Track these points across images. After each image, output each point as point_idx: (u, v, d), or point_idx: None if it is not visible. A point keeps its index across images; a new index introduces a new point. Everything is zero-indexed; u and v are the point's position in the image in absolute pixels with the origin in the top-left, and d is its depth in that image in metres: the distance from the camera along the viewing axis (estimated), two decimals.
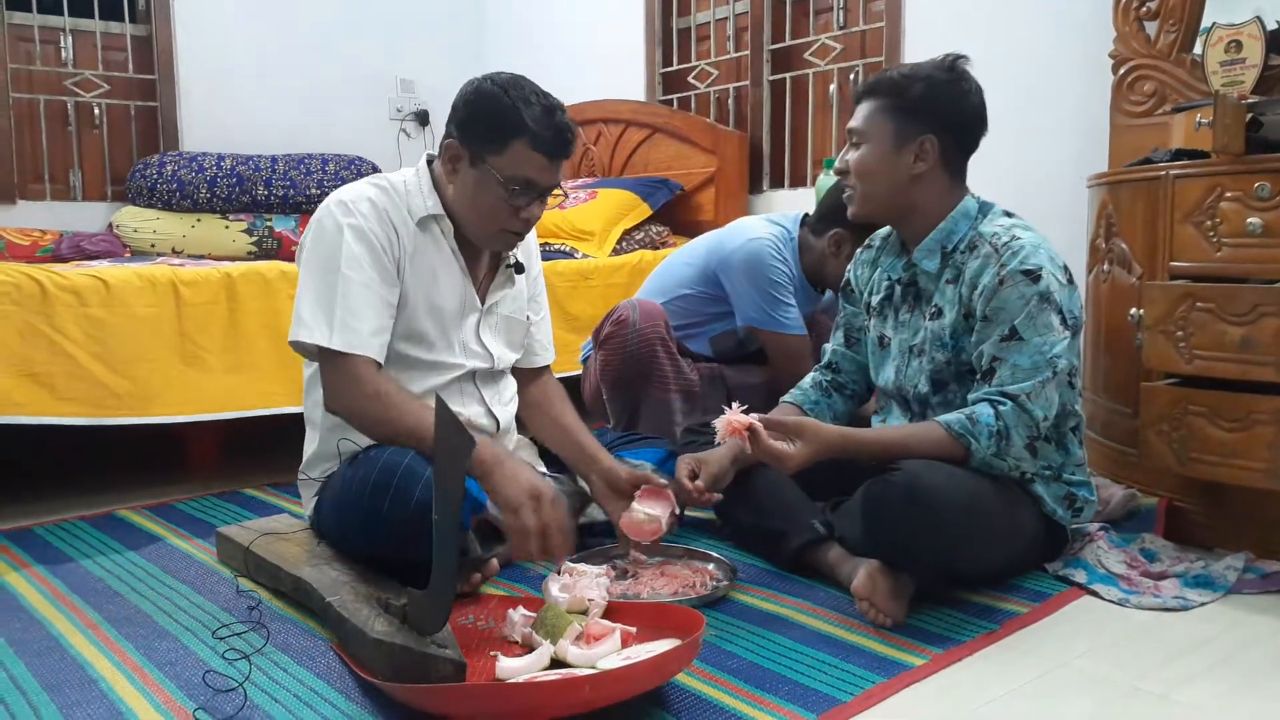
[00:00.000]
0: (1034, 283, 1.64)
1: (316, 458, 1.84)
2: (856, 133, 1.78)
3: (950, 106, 1.73)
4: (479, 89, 1.70)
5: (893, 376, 1.86)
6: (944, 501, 1.54)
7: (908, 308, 1.84)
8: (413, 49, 4.56)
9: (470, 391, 1.87)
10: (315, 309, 1.68)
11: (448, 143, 1.73)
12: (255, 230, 3.73)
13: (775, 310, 2.49)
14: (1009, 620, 1.61)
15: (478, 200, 1.73)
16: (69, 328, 2.33)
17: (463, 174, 1.73)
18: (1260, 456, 1.75)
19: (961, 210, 1.77)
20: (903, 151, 1.73)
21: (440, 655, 1.31)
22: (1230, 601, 1.71)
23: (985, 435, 1.62)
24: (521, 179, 1.69)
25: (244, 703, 1.35)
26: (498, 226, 1.75)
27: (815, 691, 1.37)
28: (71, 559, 1.99)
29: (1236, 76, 2.29)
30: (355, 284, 1.68)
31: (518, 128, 1.66)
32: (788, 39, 3.73)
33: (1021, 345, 1.64)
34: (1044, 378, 1.63)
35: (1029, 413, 1.63)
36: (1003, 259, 1.67)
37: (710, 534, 2.08)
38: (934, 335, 1.77)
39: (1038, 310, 1.63)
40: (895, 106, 1.73)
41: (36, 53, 3.81)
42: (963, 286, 1.72)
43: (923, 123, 1.72)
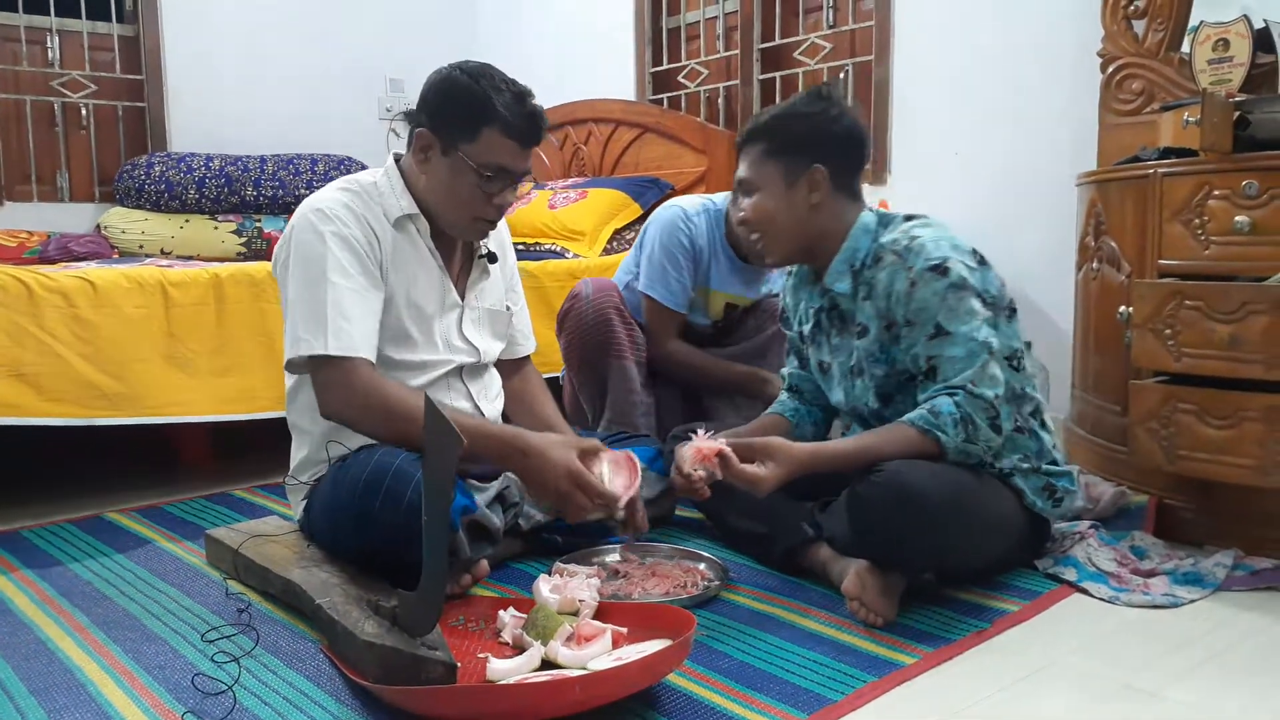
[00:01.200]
0: (943, 275, 1.66)
1: (306, 463, 1.83)
2: (746, 182, 1.81)
3: (827, 133, 1.76)
4: (448, 78, 1.72)
5: (843, 398, 1.88)
6: (929, 497, 1.55)
7: (836, 331, 1.86)
8: (402, 48, 4.55)
9: (457, 387, 1.87)
10: (310, 322, 1.66)
11: (418, 132, 1.74)
12: (244, 231, 3.72)
13: (654, 275, 2.45)
14: (999, 619, 1.62)
15: (451, 188, 1.74)
16: (57, 328, 2.32)
17: (434, 163, 1.74)
18: (1249, 454, 1.76)
19: (861, 227, 1.79)
20: (795, 187, 1.76)
21: (431, 657, 1.31)
22: (1219, 598, 1.71)
23: (951, 424, 1.63)
24: (494, 165, 1.71)
25: (233, 705, 1.34)
26: (471, 214, 1.76)
27: (806, 691, 1.37)
28: (60, 562, 1.97)
29: (1224, 75, 2.30)
30: (345, 290, 1.68)
31: (489, 115, 1.68)
32: (777, 38, 3.73)
33: (950, 339, 1.66)
34: (982, 360, 1.65)
35: (980, 397, 1.64)
36: (908, 262, 1.69)
37: (703, 534, 2.08)
38: (866, 353, 1.79)
39: (955, 301, 1.65)
40: (777, 148, 1.77)
41: (23, 53, 3.79)
42: (877, 300, 1.74)
43: (807, 155, 1.75)
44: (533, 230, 3.65)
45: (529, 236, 3.62)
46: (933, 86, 3.18)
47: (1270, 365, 1.74)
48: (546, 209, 3.70)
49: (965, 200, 3.07)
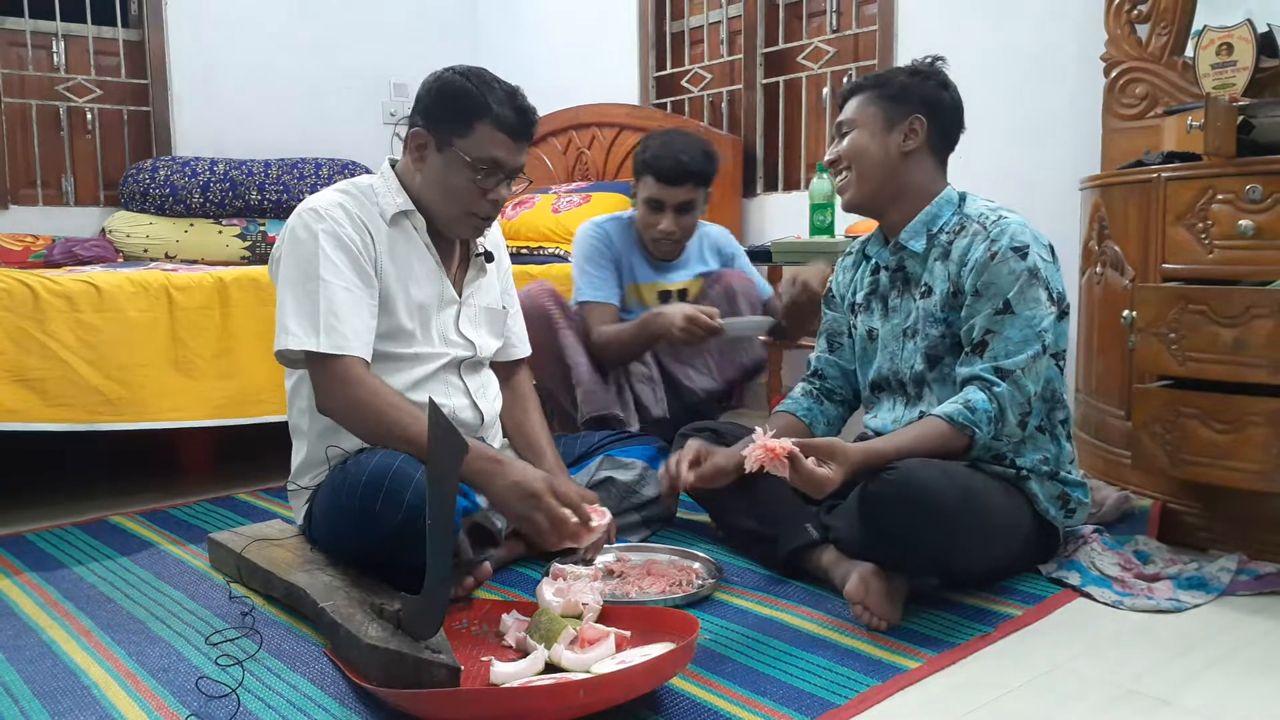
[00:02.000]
0: (1023, 258, 1.70)
1: (306, 465, 1.84)
2: (846, 123, 1.86)
3: (933, 93, 1.83)
4: (441, 78, 1.76)
5: (886, 363, 1.89)
6: (942, 496, 1.55)
7: (897, 293, 1.88)
8: (406, 53, 4.56)
9: (455, 383, 1.87)
10: (299, 317, 1.68)
11: (414, 131, 1.77)
12: (249, 235, 3.73)
13: (579, 282, 2.56)
14: (1003, 623, 1.62)
15: (446, 184, 1.76)
16: (62, 333, 2.33)
17: (430, 160, 1.77)
18: (1253, 458, 1.76)
19: (945, 198, 1.84)
20: (893, 131, 1.82)
21: (434, 660, 1.31)
22: (1224, 603, 1.71)
23: (985, 421, 1.67)
24: (488, 159, 1.73)
25: (237, 708, 1.34)
26: (466, 209, 1.78)
27: (810, 695, 1.37)
28: (64, 565, 1.98)
29: (1228, 79, 2.30)
30: (336, 288, 1.69)
31: (482, 109, 1.71)
32: (781, 42, 3.74)
33: (1013, 319, 1.69)
34: (1034, 351, 1.69)
35: (1021, 388, 1.68)
36: (992, 235, 1.73)
37: (703, 536, 2.08)
38: (926, 313, 1.81)
39: (1027, 285, 1.69)
40: (882, 94, 1.83)
41: (28, 57, 3.80)
42: (950, 264, 1.77)
43: (910, 105, 1.81)
44: (536, 234, 3.65)
45: (532, 240, 3.63)
46: None
47: (1275, 369, 1.73)
48: (550, 213, 3.70)
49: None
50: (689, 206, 2.45)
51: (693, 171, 2.38)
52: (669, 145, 2.39)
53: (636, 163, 2.49)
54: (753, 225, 3.79)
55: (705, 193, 2.48)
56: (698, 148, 2.41)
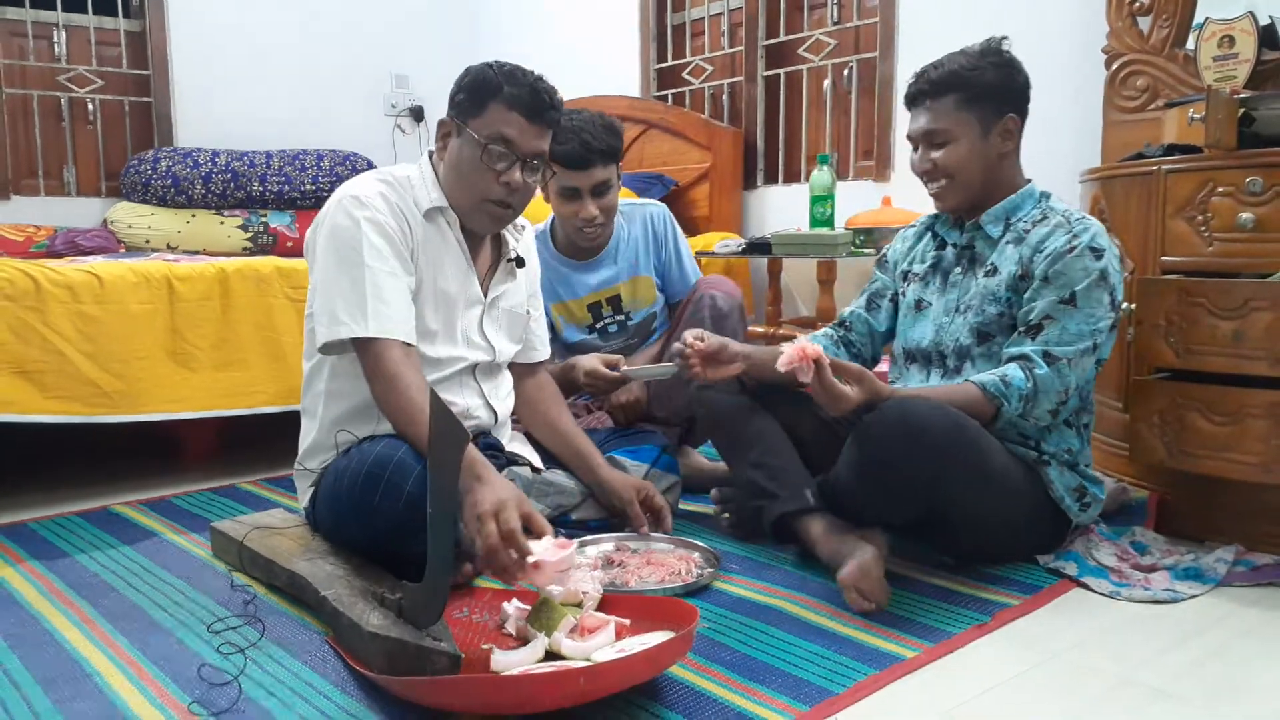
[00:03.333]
0: (1098, 259, 1.73)
1: (314, 448, 1.84)
2: (938, 133, 1.83)
3: (1018, 83, 1.84)
4: (469, 69, 1.77)
5: (930, 335, 1.91)
6: (931, 426, 1.60)
7: (961, 270, 1.91)
8: (407, 44, 4.56)
9: (469, 384, 1.88)
10: (350, 305, 1.67)
11: (441, 120, 1.79)
12: (250, 226, 3.73)
13: None
14: (1000, 612, 1.62)
15: (460, 168, 1.76)
16: (61, 324, 2.33)
17: (450, 147, 1.78)
18: (1251, 450, 1.76)
19: (1027, 192, 1.87)
20: (990, 136, 1.82)
21: (436, 648, 1.32)
22: (1220, 594, 1.72)
23: (1016, 398, 1.70)
24: (498, 136, 1.72)
25: (239, 696, 1.35)
26: (481, 195, 1.76)
27: (807, 683, 1.38)
28: (66, 554, 1.98)
29: (1229, 71, 2.30)
30: (382, 274, 1.70)
31: (494, 89, 1.72)
32: (782, 34, 3.73)
33: (1074, 311, 1.72)
34: (1086, 346, 1.72)
35: (1063, 377, 1.71)
36: (1074, 230, 1.76)
37: (704, 526, 2.09)
38: (988, 291, 1.83)
39: (1096, 284, 1.72)
40: (972, 97, 1.81)
41: (30, 48, 3.80)
42: (1025, 248, 1.80)
43: (1002, 104, 1.82)
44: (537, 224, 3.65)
45: None
46: None
47: (1273, 362, 1.74)
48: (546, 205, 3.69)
49: None
50: (605, 187, 2.29)
51: (599, 150, 2.24)
52: (569, 129, 2.22)
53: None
54: (753, 217, 3.79)
55: (617, 169, 2.33)
56: (598, 124, 2.27)
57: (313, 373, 1.85)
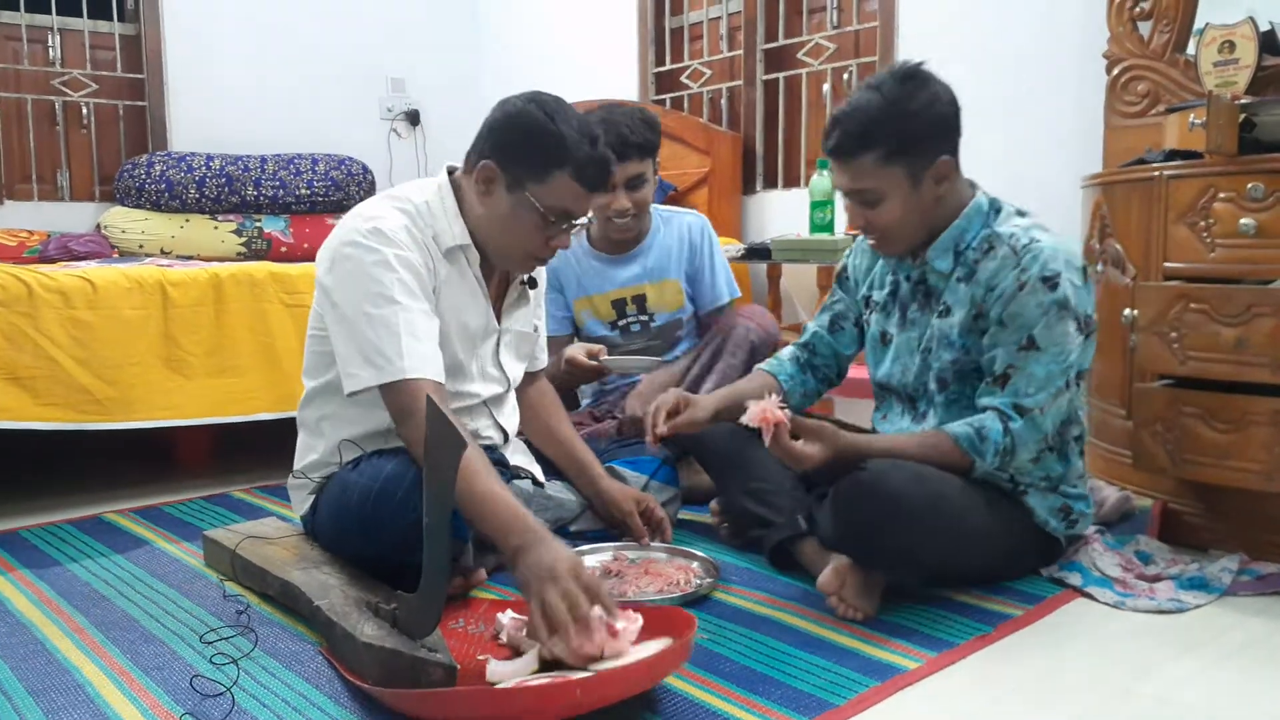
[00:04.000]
0: (1052, 290, 1.62)
1: (319, 464, 1.80)
2: (867, 193, 1.70)
3: (942, 120, 1.69)
4: (523, 111, 1.66)
5: (898, 374, 1.85)
6: (902, 500, 1.56)
7: (917, 306, 1.82)
8: (404, 47, 4.54)
9: (480, 410, 1.87)
10: (383, 346, 1.59)
11: (484, 164, 1.68)
12: (244, 231, 3.71)
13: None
14: (1003, 623, 1.61)
15: (511, 226, 1.70)
16: (54, 330, 2.32)
17: (497, 197, 1.69)
18: (1255, 458, 1.75)
19: (974, 209, 1.75)
20: (922, 185, 1.69)
21: (431, 659, 1.30)
22: (1225, 604, 1.70)
23: (991, 452, 1.65)
24: (561, 210, 1.67)
25: (232, 707, 1.33)
26: (526, 251, 1.73)
27: (808, 695, 1.36)
28: (58, 563, 1.97)
29: (1230, 77, 2.29)
30: (416, 312, 1.63)
31: (564, 159, 1.64)
32: (781, 38, 3.73)
33: (1039, 355, 1.64)
34: (1058, 387, 1.65)
35: (1039, 427, 1.66)
36: (1022, 263, 1.65)
37: (704, 537, 2.07)
38: (942, 335, 1.76)
39: (1056, 319, 1.63)
40: (896, 150, 1.66)
41: (24, 52, 3.78)
42: (976, 287, 1.71)
43: (930, 148, 1.68)
44: None
45: None
46: None
47: (1276, 368, 1.73)
48: None
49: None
50: (639, 180, 2.33)
51: (635, 144, 2.27)
52: (606, 121, 2.22)
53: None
54: (752, 222, 3.78)
55: (654, 163, 2.37)
56: (636, 118, 2.30)
57: (319, 393, 1.80)
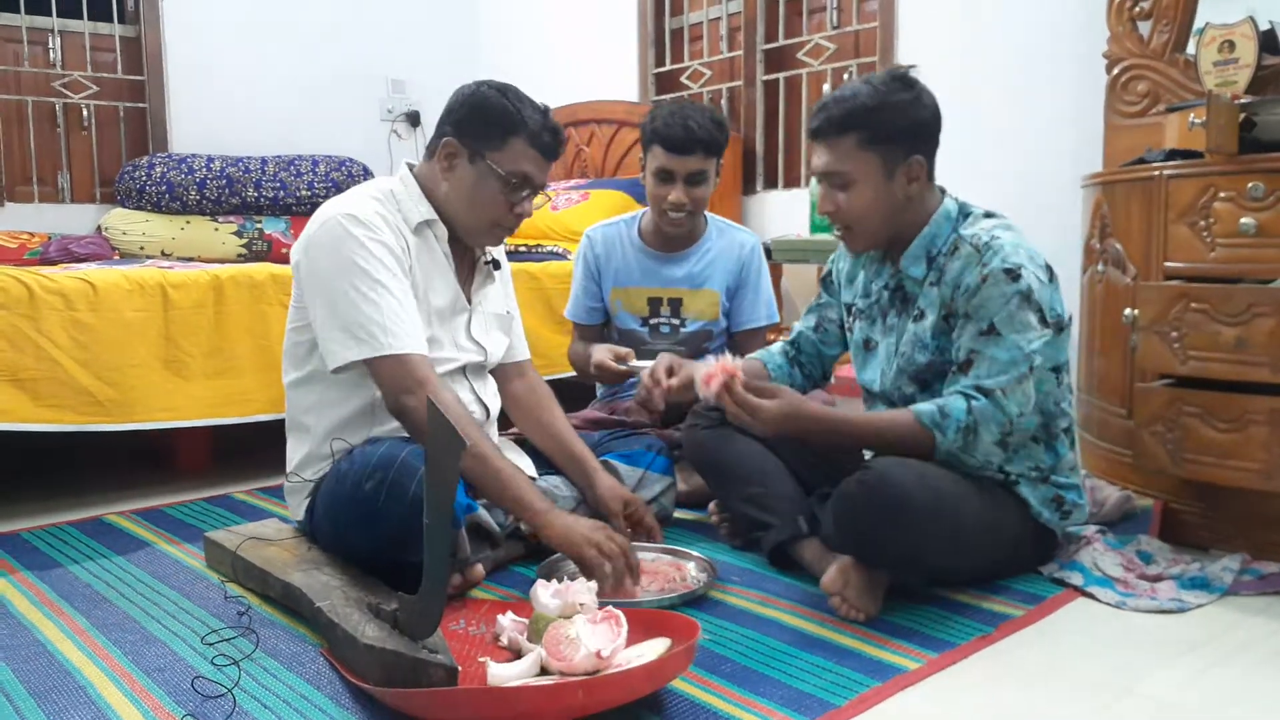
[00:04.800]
0: (1014, 281, 1.65)
1: (309, 459, 1.83)
2: (839, 175, 1.73)
3: (921, 121, 1.73)
4: (477, 92, 1.79)
5: (877, 380, 1.87)
6: (911, 501, 1.56)
7: (895, 312, 1.85)
8: (404, 49, 4.55)
9: (460, 381, 1.90)
10: (371, 322, 1.68)
11: (445, 141, 1.79)
12: (245, 232, 3.71)
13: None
14: (1004, 623, 1.61)
15: (476, 195, 1.79)
16: (55, 332, 2.32)
17: (460, 171, 1.80)
18: (1255, 457, 1.75)
19: (943, 214, 1.78)
20: (894, 179, 1.73)
21: (432, 660, 1.30)
22: (1227, 603, 1.70)
23: (953, 429, 1.64)
24: (520, 174, 1.78)
25: (233, 708, 1.33)
26: (492, 220, 1.82)
27: (809, 695, 1.36)
28: (59, 564, 1.97)
29: (1230, 76, 2.29)
30: (396, 290, 1.72)
31: (517, 126, 1.77)
32: (781, 39, 3.73)
33: (999, 340, 1.66)
34: (1020, 373, 1.65)
35: (1003, 408, 1.65)
36: (984, 258, 1.68)
37: (700, 534, 2.07)
38: (916, 338, 1.78)
39: (1017, 308, 1.65)
40: (875, 138, 1.70)
41: (24, 54, 3.78)
42: (944, 288, 1.73)
43: (906, 145, 1.71)
44: (534, 232, 3.64)
45: (531, 238, 3.62)
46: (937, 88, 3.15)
47: (1277, 368, 1.73)
48: (548, 210, 3.69)
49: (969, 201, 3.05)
50: (700, 177, 2.33)
51: (702, 140, 2.28)
52: (678, 113, 2.29)
53: (645, 132, 2.37)
54: (753, 223, 3.78)
55: (717, 163, 2.37)
56: (707, 115, 2.31)
57: (299, 386, 1.84)
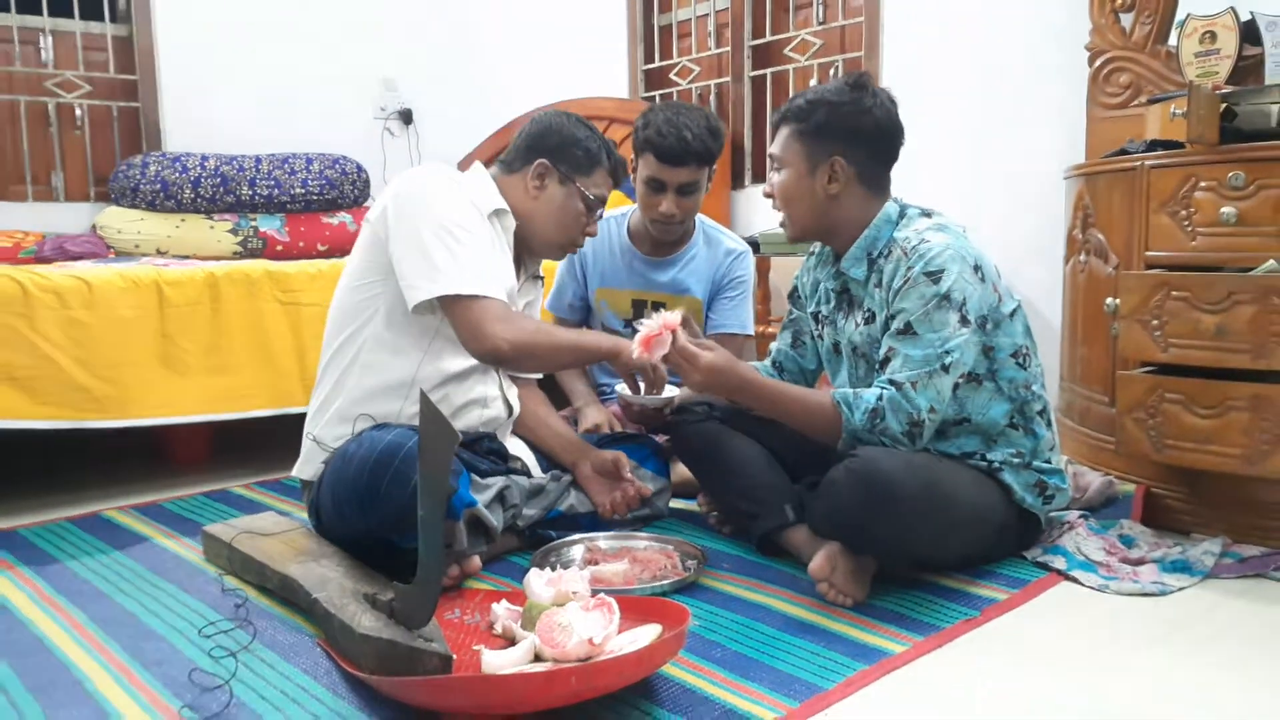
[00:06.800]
0: (935, 283, 1.70)
1: (337, 417, 1.85)
2: (775, 158, 1.86)
3: (854, 124, 1.78)
4: (567, 123, 1.99)
5: (847, 381, 1.91)
6: (898, 488, 1.59)
7: (842, 314, 1.91)
8: (397, 48, 4.55)
9: (491, 375, 1.97)
10: (467, 263, 1.78)
11: (540, 162, 1.95)
12: (240, 230, 3.72)
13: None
14: (989, 606, 1.63)
15: (563, 214, 1.97)
16: (50, 330, 2.33)
17: (550, 190, 1.96)
18: (1236, 442, 1.78)
19: (883, 217, 1.82)
20: (816, 174, 1.81)
21: (427, 649, 1.32)
22: (1208, 586, 1.73)
23: (861, 410, 1.71)
24: (602, 199, 2.00)
25: (230, 700, 1.35)
26: (569, 237, 2.00)
27: (797, 679, 1.39)
28: (57, 560, 1.98)
29: (1211, 67, 2.31)
30: (483, 242, 1.84)
31: (602, 159, 1.99)
32: (768, 34, 3.74)
33: (915, 339, 1.70)
34: (931, 369, 1.69)
35: (910, 400, 1.69)
36: (910, 262, 1.73)
37: (694, 525, 2.10)
38: (870, 338, 1.82)
39: (934, 308, 1.69)
40: (803, 131, 1.81)
41: (16, 53, 3.78)
42: (883, 290, 1.78)
43: (830, 144, 1.79)
44: None
45: None
46: (922, 82, 3.19)
47: (1256, 354, 1.75)
48: None
49: (954, 193, 3.08)
50: (692, 187, 2.30)
51: (696, 151, 2.24)
52: (672, 122, 2.23)
53: (637, 139, 2.32)
54: (740, 217, 3.80)
55: (710, 171, 2.33)
56: (702, 125, 2.25)
57: (346, 341, 1.88)
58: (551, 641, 1.36)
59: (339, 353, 1.88)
